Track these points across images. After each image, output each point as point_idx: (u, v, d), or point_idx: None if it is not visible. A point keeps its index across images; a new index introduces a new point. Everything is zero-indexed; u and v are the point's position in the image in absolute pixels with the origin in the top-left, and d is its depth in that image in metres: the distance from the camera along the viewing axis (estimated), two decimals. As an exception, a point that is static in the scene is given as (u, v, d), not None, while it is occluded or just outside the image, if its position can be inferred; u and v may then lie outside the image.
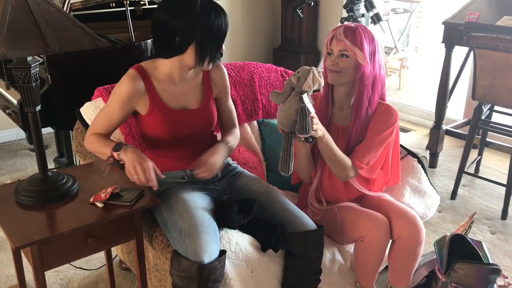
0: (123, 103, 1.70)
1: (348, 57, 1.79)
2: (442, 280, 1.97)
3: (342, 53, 1.80)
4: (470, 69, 3.73)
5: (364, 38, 1.79)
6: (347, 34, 1.78)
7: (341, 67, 1.80)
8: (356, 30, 1.79)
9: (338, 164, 1.84)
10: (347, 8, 3.71)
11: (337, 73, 1.82)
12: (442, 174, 3.47)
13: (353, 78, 1.83)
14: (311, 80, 1.63)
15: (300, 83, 1.64)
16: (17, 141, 3.90)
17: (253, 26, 5.22)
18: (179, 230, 1.62)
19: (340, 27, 1.82)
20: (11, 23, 1.40)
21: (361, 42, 1.78)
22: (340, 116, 1.94)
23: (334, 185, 1.97)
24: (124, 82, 1.70)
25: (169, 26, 1.62)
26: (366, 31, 1.81)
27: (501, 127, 2.96)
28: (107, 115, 1.74)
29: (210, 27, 1.61)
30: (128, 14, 2.88)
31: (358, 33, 1.78)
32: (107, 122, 1.74)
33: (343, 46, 1.79)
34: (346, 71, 1.81)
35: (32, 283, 2.13)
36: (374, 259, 1.88)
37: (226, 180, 1.91)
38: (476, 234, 2.73)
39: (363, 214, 1.87)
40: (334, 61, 1.81)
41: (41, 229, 1.46)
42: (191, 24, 1.60)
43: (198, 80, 1.82)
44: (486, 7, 3.23)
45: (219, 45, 1.68)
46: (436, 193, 2.23)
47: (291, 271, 1.79)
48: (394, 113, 1.92)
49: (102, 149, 1.69)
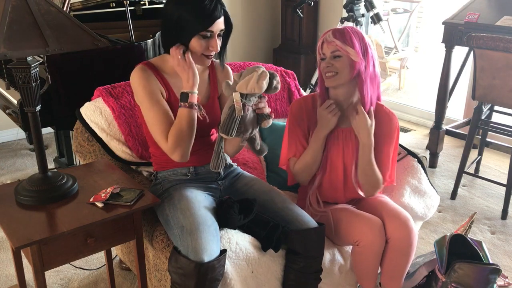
0: (150, 90, 1.67)
1: (341, 57, 1.81)
2: (442, 280, 1.98)
3: (335, 54, 1.82)
4: (470, 69, 3.73)
5: (353, 36, 1.82)
6: (336, 35, 1.81)
7: (337, 67, 1.82)
8: (344, 30, 1.83)
9: (371, 179, 1.89)
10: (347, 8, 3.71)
11: (334, 75, 1.83)
12: (442, 174, 3.47)
13: (349, 77, 1.84)
14: (248, 83, 1.53)
15: (237, 81, 1.57)
16: (17, 141, 3.90)
17: (253, 26, 5.22)
18: (181, 227, 1.62)
19: (328, 31, 1.85)
20: (11, 23, 1.40)
21: (351, 40, 1.81)
22: (342, 120, 1.93)
23: (334, 187, 1.98)
24: (135, 76, 1.69)
25: (166, 15, 1.64)
26: (354, 30, 1.84)
27: (501, 127, 2.97)
28: (155, 113, 1.67)
29: (199, 11, 1.60)
30: (128, 14, 2.89)
31: (346, 33, 1.82)
32: (163, 118, 1.66)
33: (334, 47, 1.81)
34: (342, 71, 1.82)
35: (32, 283, 2.14)
36: (372, 261, 1.88)
37: (228, 180, 1.91)
38: (476, 234, 2.73)
39: (357, 218, 1.87)
40: (329, 63, 1.83)
41: (41, 229, 1.46)
42: (183, 9, 1.61)
43: (205, 77, 1.84)
44: (486, 7, 3.23)
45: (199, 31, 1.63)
46: (436, 193, 2.23)
47: (292, 269, 1.79)
48: (394, 118, 1.96)
49: (182, 121, 1.62)
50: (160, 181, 1.84)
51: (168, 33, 1.67)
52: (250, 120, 1.63)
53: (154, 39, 2.98)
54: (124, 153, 2.06)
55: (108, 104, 2.06)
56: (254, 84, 1.53)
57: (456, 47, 3.31)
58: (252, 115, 1.62)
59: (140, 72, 1.70)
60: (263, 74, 1.53)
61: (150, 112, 1.67)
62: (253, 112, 1.62)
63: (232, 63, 2.44)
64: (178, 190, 1.76)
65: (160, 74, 1.73)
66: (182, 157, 1.66)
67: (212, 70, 1.86)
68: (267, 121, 1.63)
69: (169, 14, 1.65)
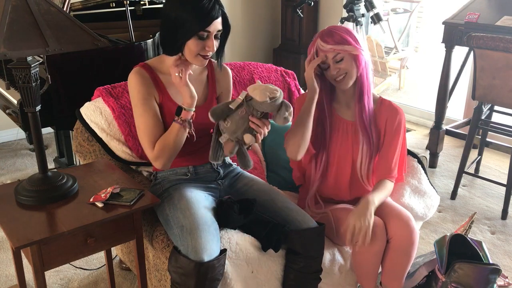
0: (145, 96, 1.70)
1: (343, 58, 1.80)
2: (442, 280, 1.98)
3: (336, 59, 1.80)
4: (470, 69, 3.73)
5: (341, 32, 1.80)
6: (328, 40, 1.79)
7: (344, 69, 1.81)
8: (331, 31, 1.81)
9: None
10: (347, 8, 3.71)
11: (344, 76, 1.82)
12: (442, 174, 3.47)
13: (359, 70, 1.84)
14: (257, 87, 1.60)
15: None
16: (17, 141, 3.90)
17: (253, 26, 5.22)
18: (181, 227, 1.62)
19: (316, 39, 1.84)
20: (11, 23, 1.40)
21: (341, 38, 1.79)
22: (349, 113, 1.94)
23: (339, 183, 1.98)
24: (132, 79, 1.71)
25: (164, 15, 1.64)
26: (338, 27, 1.83)
27: (501, 127, 2.97)
28: (145, 119, 1.70)
29: (196, 11, 1.60)
30: (128, 14, 2.89)
31: (335, 33, 1.80)
32: (152, 127, 1.70)
33: (332, 50, 1.79)
34: (351, 70, 1.82)
35: (32, 283, 2.14)
36: (372, 261, 1.88)
37: (228, 180, 1.92)
38: (476, 234, 2.73)
39: None
40: (335, 68, 1.81)
41: (41, 229, 1.46)
42: (181, 9, 1.60)
43: (203, 77, 1.84)
44: (486, 7, 3.23)
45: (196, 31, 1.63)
46: (436, 193, 2.23)
47: (291, 269, 1.79)
48: (400, 110, 1.95)
49: (170, 135, 1.67)
50: (160, 181, 1.84)
51: (166, 32, 1.67)
52: (239, 122, 1.64)
53: (154, 39, 2.98)
54: (124, 153, 2.06)
55: (108, 104, 2.06)
56: (259, 91, 1.58)
57: (456, 47, 3.31)
58: (243, 120, 1.64)
59: (136, 76, 1.71)
60: (273, 92, 1.59)
61: (141, 118, 1.71)
62: (247, 120, 1.64)
63: (232, 63, 2.44)
64: (178, 190, 1.76)
65: (156, 76, 1.74)
66: (163, 166, 1.72)
67: (211, 71, 1.86)
68: (249, 136, 1.64)
69: (167, 13, 1.65)
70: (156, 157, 1.69)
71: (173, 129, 1.67)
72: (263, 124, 1.63)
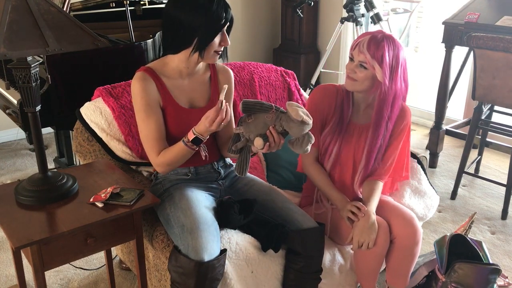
0: (149, 102, 1.70)
1: (366, 69, 1.78)
2: (442, 280, 1.98)
3: (361, 64, 1.79)
4: (470, 69, 3.73)
5: (387, 52, 1.74)
6: (370, 46, 1.75)
7: (358, 76, 1.80)
8: (381, 44, 1.74)
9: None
10: (347, 8, 3.72)
11: (353, 81, 1.82)
12: (442, 174, 3.47)
13: (367, 88, 1.83)
14: (294, 106, 1.56)
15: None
16: (17, 141, 3.90)
17: (253, 26, 5.22)
18: (181, 226, 1.62)
19: (366, 36, 1.78)
20: (11, 23, 1.40)
21: (382, 57, 1.74)
22: (359, 116, 1.94)
23: (343, 181, 1.98)
24: (135, 85, 1.71)
25: (174, 18, 1.64)
26: (391, 45, 1.76)
27: (501, 127, 2.97)
28: (148, 124, 1.71)
29: (211, 16, 1.62)
30: (128, 14, 2.89)
31: (381, 47, 1.74)
32: (155, 133, 1.71)
33: (363, 58, 1.77)
34: (362, 82, 1.81)
35: (32, 283, 2.14)
36: (374, 262, 1.88)
37: (228, 180, 1.92)
38: (476, 234, 2.73)
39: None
40: (353, 69, 1.81)
41: (41, 229, 1.46)
42: (194, 15, 1.61)
43: (206, 77, 1.84)
44: (486, 7, 3.23)
45: (216, 34, 1.66)
46: (436, 194, 2.23)
47: (291, 269, 1.79)
48: (408, 112, 1.94)
49: (177, 153, 1.68)
50: (161, 180, 1.84)
51: (180, 39, 1.67)
52: (260, 125, 1.61)
53: (154, 39, 2.98)
54: (124, 153, 2.06)
55: (108, 104, 2.06)
56: (296, 108, 1.54)
57: (456, 47, 3.31)
58: (264, 126, 1.61)
59: (140, 82, 1.70)
60: (308, 116, 1.55)
61: (144, 124, 1.72)
62: (266, 128, 1.61)
63: (232, 63, 2.44)
64: (179, 190, 1.76)
65: (160, 80, 1.74)
66: (164, 173, 1.80)
67: (214, 72, 1.86)
68: (260, 141, 1.61)
69: (177, 18, 1.64)
70: (158, 165, 1.73)
71: (180, 148, 1.67)
72: (278, 140, 1.61)
